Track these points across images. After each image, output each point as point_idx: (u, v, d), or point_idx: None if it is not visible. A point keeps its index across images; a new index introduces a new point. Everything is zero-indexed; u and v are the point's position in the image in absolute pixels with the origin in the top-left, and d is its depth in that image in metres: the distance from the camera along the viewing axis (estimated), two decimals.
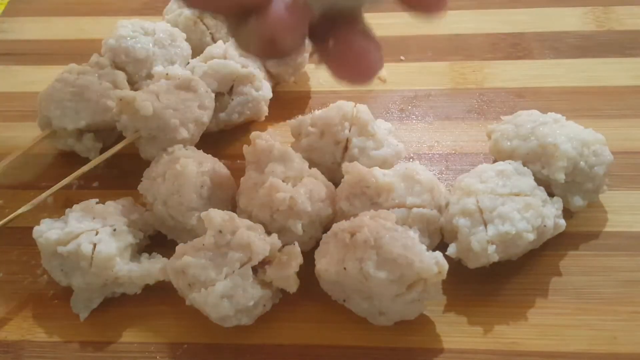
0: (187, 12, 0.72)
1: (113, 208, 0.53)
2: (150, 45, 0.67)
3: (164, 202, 0.53)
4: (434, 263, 0.45)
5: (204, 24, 0.72)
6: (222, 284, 0.46)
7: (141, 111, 0.56)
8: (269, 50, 0.36)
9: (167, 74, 0.61)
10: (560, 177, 0.51)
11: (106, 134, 0.64)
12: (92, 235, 0.50)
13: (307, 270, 0.49)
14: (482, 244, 0.48)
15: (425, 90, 0.69)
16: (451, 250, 0.50)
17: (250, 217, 0.52)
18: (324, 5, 0.34)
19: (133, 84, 0.67)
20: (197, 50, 0.70)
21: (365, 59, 0.35)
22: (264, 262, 0.49)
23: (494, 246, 0.48)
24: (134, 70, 0.67)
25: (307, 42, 0.35)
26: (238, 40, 0.41)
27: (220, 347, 0.50)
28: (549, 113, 0.56)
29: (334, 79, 0.38)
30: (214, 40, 0.71)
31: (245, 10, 0.34)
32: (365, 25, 0.36)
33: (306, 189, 0.52)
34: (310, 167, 0.55)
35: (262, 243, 0.48)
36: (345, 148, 0.57)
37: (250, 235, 0.48)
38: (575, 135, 0.53)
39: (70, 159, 0.63)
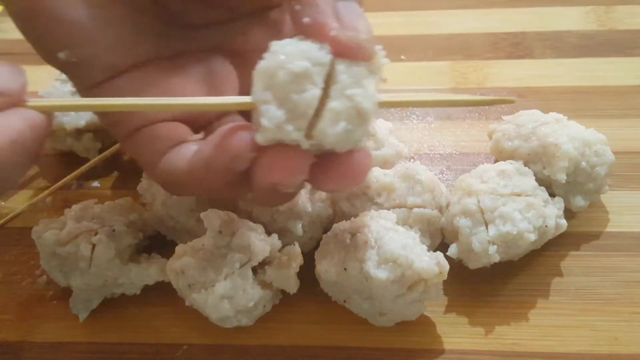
0: None
1: (112, 208, 0.53)
2: None
3: (163, 202, 0.53)
4: (435, 264, 0.45)
5: None
6: (222, 285, 0.46)
7: None
8: (273, 199, 0.38)
9: None
10: (562, 177, 0.51)
11: (105, 133, 0.63)
12: (91, 235, 0.50)
13: (307, 271, 0.49)
14: (483, 245, 0.47)
15: (425, 90, 0.69)
16: (452, 250, 0.50)
17: (250, 218, 0.51)
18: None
19: None
20: None
21: (356, 165, 0.37)
22: (264, 263, 0.48)
23: (495, 246, 0.47)
24: None
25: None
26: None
27: (220, 348, 0.49)
28: (551, 113, 0.56)
29: (315, 188, 0.39)
30: None
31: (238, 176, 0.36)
32: None
33: (306, 189, 0.52)
34: None
35: (262, 244, 0.48)
36: None
37: (250, 235, 0.48)
38: (576, 135, 0.52)
39: (69, 159, 0.63)
